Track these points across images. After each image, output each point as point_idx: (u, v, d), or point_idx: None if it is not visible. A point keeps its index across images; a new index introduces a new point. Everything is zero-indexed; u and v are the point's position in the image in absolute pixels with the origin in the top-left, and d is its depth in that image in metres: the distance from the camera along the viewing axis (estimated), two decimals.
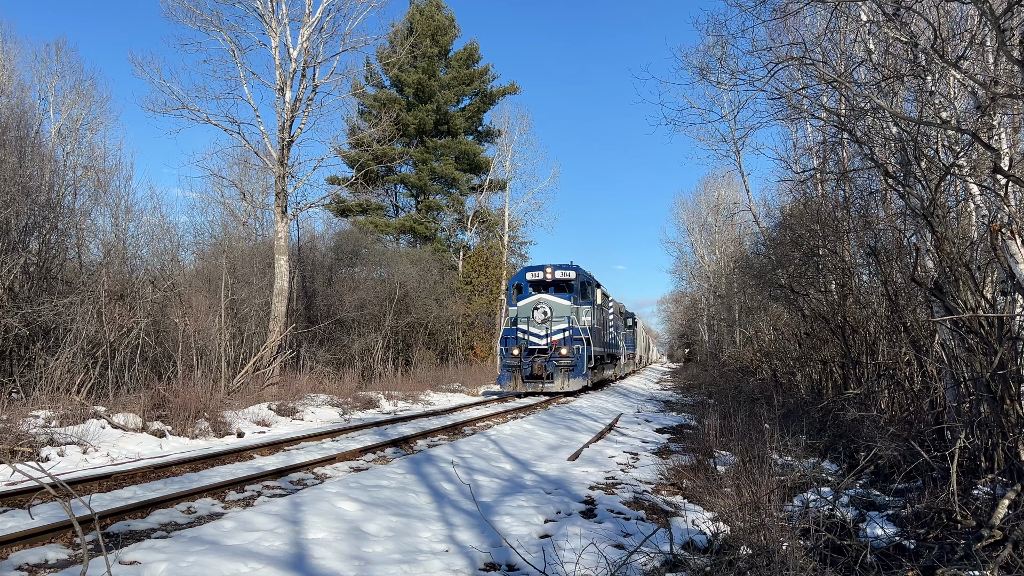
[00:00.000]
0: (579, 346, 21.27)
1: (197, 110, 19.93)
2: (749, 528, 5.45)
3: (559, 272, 23.09)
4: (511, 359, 21.55)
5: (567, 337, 21.41)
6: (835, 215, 14.00)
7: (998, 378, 6.30)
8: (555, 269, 23.14)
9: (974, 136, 6.94)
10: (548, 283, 23.17)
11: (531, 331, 21.71)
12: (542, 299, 22.03)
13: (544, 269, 23.28)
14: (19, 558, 5.07)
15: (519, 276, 24.18)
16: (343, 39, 20.93)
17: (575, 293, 22.91)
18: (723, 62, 10.23)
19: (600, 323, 25.37)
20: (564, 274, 23.06)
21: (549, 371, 21.13)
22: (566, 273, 23.06)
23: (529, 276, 23.51)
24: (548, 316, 21.62)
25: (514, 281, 24.32)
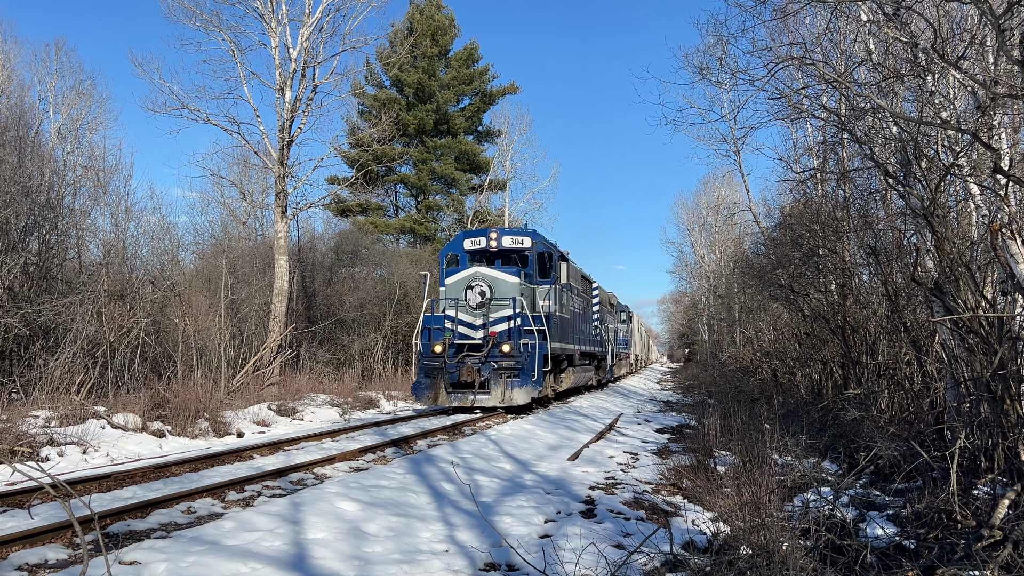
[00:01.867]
0: (529, 341, 15.16)
1: (197, 110, 19.95)
2: (749, 528, 5.45)
3: (508, 239, 17.15)
4: (432, 359, 15.36)
5: (513, 328, 15.33)
6: (835, 215, 14.00)
7: (998, 378, 6.30)
8: (502, 235, 17.17)
9: (974, 136, 6.94)
10: (493, 253, 17.28)
11: (461, 319, 15.66)
12: (478, 273, 15.81)
13: (487, 234, 17.17)
14: (19, 558, 5.07)
15: (454, 243, 17.93)
16: (343, 39, 20.96)
17: (530, 268, 17.04)
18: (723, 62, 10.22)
19: (572, 312, 19.68)
20: (515, 241, 17.17)
21: (484, 376, 15.12)
22: (518, 240, 17.20)
23: (467, 244, 17.38)
24: (486, 297, 15.55)
25: (447, 251, 18.01)
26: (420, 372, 15.59)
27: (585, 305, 22.74)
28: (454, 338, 15.55)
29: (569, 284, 19.31)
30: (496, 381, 15.03)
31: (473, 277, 15.86)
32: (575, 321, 20.42)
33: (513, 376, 15.03)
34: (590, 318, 23.85)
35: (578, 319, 21.05)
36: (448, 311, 15.85)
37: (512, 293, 15.63)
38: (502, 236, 17.25)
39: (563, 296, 18.33)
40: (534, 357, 15.18)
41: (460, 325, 15.69)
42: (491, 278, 15.76)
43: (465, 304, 15.72)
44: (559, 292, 17.70)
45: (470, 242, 17.44)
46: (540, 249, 17.53)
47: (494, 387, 14.99)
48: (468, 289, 15.78)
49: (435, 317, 16.15)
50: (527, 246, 17.21)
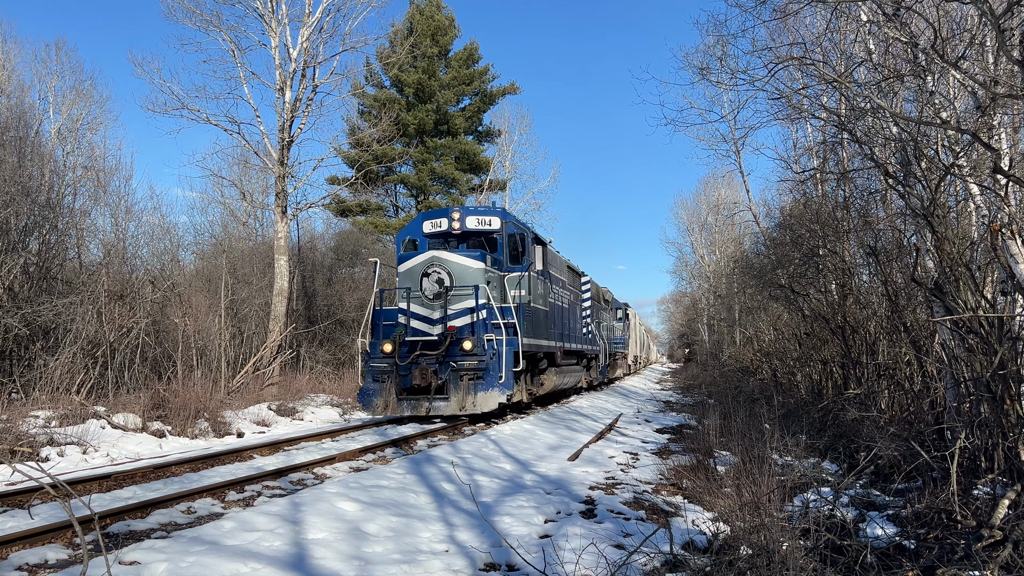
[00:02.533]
0: (496, 336, 13.09)
1: (197, 110, 19.96)
2: (749, 528, 5.45)
3: (473, 219, 15.00)
4: (381, 361, 13.27)
5: (477, 322, 13.29)
6: (835, 215, 14.00)
7: (998, 378, 6.30)
8: (466, 215, 15.04)
9: (974, 136, 6.94)
10: (456, 236, 15.06)
11: (415, 312, 13.54)
12: (435, 258, 13.66)
13: (449, 215, 15.01)
14: (19, 558, 5.07)
15: (412, 226, 15.74)
16: (343, 39, 20.97)
17: (500, 253, 14.96)
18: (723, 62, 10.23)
19: (552, 304, 17.36)
20: (481, 222, 14.97)
21: (442, 379, 13.00)
22: (484, 221, 15.00)
23: (427, 227, 15.27)
24: (445, 286, 13.43)
25: (404, 234, 15.80)
26: (367, 376, 13.34)
27: (572, 299, 20.70)
28: (406, 334, 13.34)
29: (547, 272, 16.82)
30: (456, 384, 12.86)
31: (429, 263, 13.62)
32: (558, 315, 18.20)
33: (477, 378, 12.83)
34: (578, 313, 21.78)
35: (562, 313, 18.84)
36: (401, 303, 13.68)
37: (475, 280, 13.44)
38: (466, 216, 14.91)
39: (540, 285, 15.95)
40: (500, 357, 12.95)
41: (414, 319, 13.54)
42: (451, 263, 13.54)
43: (420, 295, 13.55)
44: (534, 280, 15.36)
45: (430, 224, 15.16)
46: (511, 231, 15.15)
47: (453, 391, 12.84)
48: (424, 277, 13.57)
49: (388, 311, 14.18)
50: (495, 227, 14.96)
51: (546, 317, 16.56)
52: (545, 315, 16.42)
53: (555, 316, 17.78)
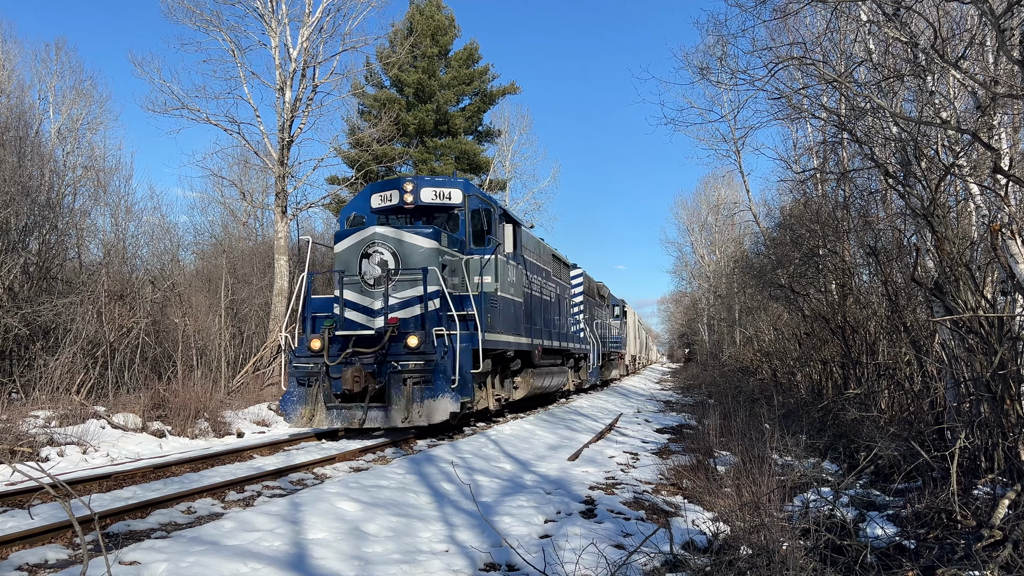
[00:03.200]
0: (451, 331, 10.83)
1: (197, 110, 19.97)
2: (749, 528, 5.45)
3: (429, 191, 12.79)
4: (307, 359, 11.00)
5: (428, 313, 11.11)
6: (835, 215, 14.00)
7: (998, 378, 6.30)
8: (421, 186, 12.84)
9: (974, 136, 6.94)
10: (410, 212, 12.93)
11: (352, 300, 11.35)
12: (377, 235, 11.35)
13: (401, 186, 12.76)
14: (19, 558, 5.07)
15: (358, 200, 13.49)
16: (343, 39, 20.98)
17: (461, 231, 12.83)
18: (723, 62, 10.23)
19: (529, 295, 15.15)
20: (439, 195, 12.80)
21: (380, 383, 10.77)
22: (443, 193, 12.82)
23: (376, 200, 13.03)
24: (389, 269, 11.17)
25: (349, 210, 13.55)
26: (291, 379, 11.07)
27: (559, 292, 18.82)
28: (338, 327, 11.09)
29: (522, 258, 14.66)
30: (398, 390, 10.53)
31: (370, 241, 11.28)
32: (538, 308, 16.09)
33: (423, 382, 10.54)
34: (566, 308, 19.82)
35: (545, 307, 16.86)
36: (337, 290, 11.46)
37: (426, 262, 11.15)
38: (421, 188, 12.72)
39: (511, 272, 13.63)
40: (455, 354, 10.68)
41: (351, 309, 11.28)
42: (396, 241, 11.26)
43: (359, 280, 11.27)
44: (504, 266, 13.09)
45: (379, 197, 12.94)
46: (475, 205, 12.88)
47: (395, 398, 10.51)
48: (363, 258, 11.23)
49: (323, 300, 12.17)
50: (456, 201, 12.74)
51: (520, 309, 14.29)
52: (519, 307, 14.12)
53: (534, 309, 15.66)
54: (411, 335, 10.71)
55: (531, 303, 15.44)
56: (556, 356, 18.23)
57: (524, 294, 14.78)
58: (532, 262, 15.95)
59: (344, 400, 10.81)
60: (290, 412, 10.93)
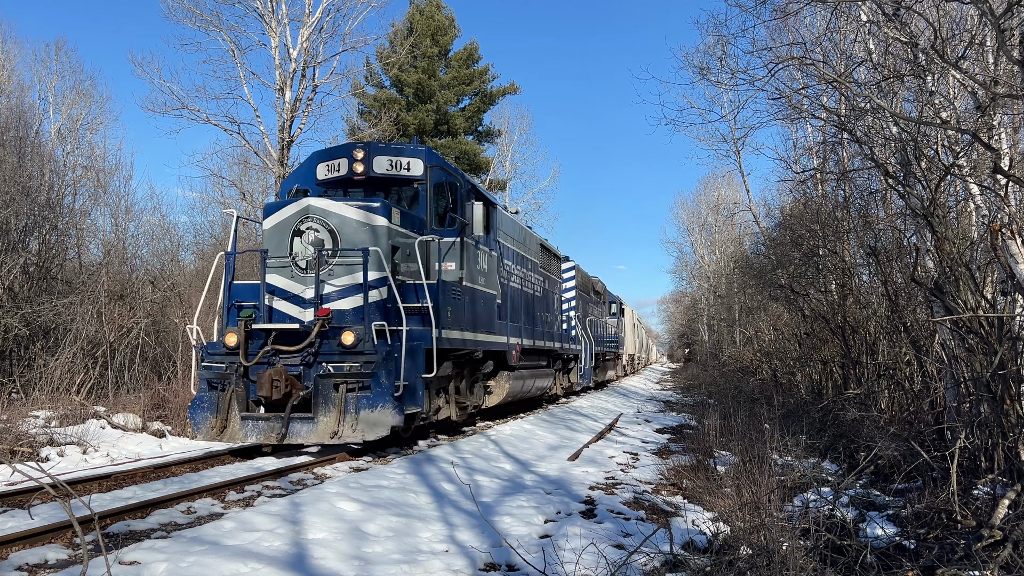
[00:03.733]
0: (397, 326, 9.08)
1: (197, 110, 19.96)
2: (749, 528, 5.45)
3: (384, 160, 10.82)
4: (221, 358, 9.32)
5: (370, 305, 9.31)
6: (835, 215, 14.00)
7: (998, 378, 6.30)
8: (374, 154, 10.84)
9: (974, 136, 6.95)
10: (360, 183, 10.96)
11: (279, 286, 9.58)
12: (311, 209, 9.59)
13: (350, 153, 10.84)
14: (19, 558, 5.07)
15: (301, 171, 11.58)
16: (343, 39, 20.97)
17: (421, 209, 10.95)
18: (723, 62, 10.23)
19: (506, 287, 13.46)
20: (396, 165, 10.83)
21: (306, 389, 8.98)
22: (401, 164, 10.85)
23: (322, 171, 11.13)
24: (325, 250, 9.42)
25: (291, 182, 11.57)
26: (201, 381, 9.31)
27: (546, 285, 17.18)
28: (258, 319, 9.38)
29: (498, 243, 12.84)
30: (327, 398, 8.73)
31: (303, 215, 9.51)
32: (519, 303, 14.38)
33: (360, 388, 8.80)
34: (555, 304, 18.17)
35: (528, 302, 15.18)
36: (270, 276, 9.55)
37: (372, 242, 9.37)
38: (374, 156, 10.71)
39: (483, 259, 11.84)
40: (400, 354, 8.92)
41: (279, 298, 9.51)
42: (335, 217, 9.45)
43: (289, 262, 9.51)
44: (472, 251, 11.25)
45: (325, 167, 10.99)
46: (438, 179, 10.97)
47: (323, 408, 8.71)
48: (295, 236, 9.49)
49: (250, 287, 10.08)
50: (416, 173, 10.78)
51: (493, 303, 12.41)
52: (490, 300, 12.28)
53: (513, 303, 13.93)
54: (346, 330, 8.94)
55: (509, 296, 13.69)
56: (540, 357, 16.54)
57: (500, 286, 13.00)
58: (513, 250, 14.20)
59: (267, 409, 8.98)
60: (198, 422, 9.11)
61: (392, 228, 9.92)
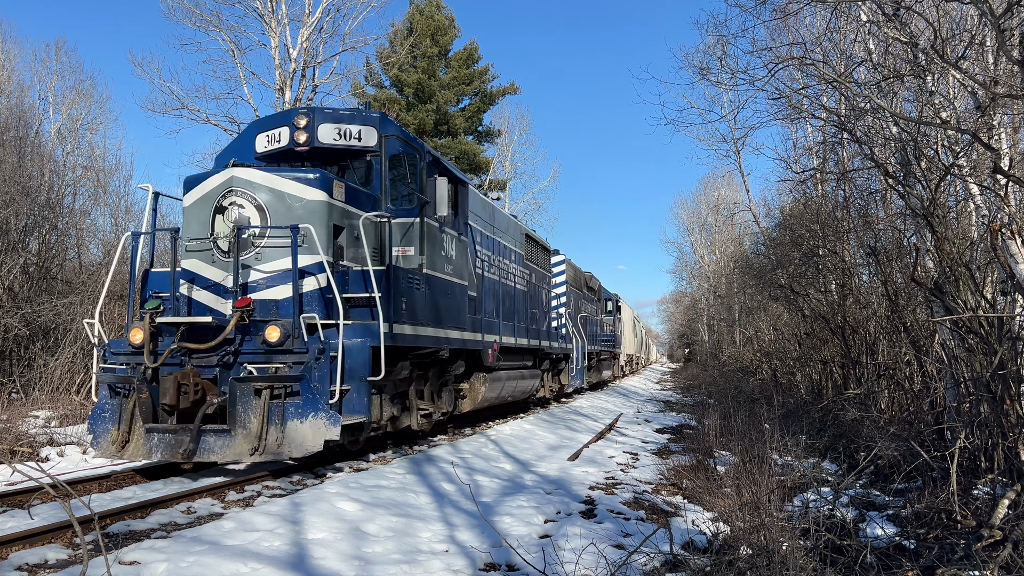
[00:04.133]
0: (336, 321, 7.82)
1: (197, 110, 19.98)
2: (749, 528, 5.45)
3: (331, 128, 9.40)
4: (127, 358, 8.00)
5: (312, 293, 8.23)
6: (835, 215, 14.01)
7: (998, 378, 6.30)
8: (321, 121, 9.39)
9: (974, 136, 6.95)
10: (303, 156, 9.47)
11: (198, 273, 8.35)
12: (235, 180, 8.26)
13: (291, 120, 9.44)
14: (19, 558, 5.07)
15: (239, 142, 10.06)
16: (343, 39, 20.99)
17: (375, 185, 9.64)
18: (723, 62, 10.25)
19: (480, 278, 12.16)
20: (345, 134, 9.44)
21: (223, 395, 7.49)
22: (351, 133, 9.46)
23: (262, 141, 9.68)
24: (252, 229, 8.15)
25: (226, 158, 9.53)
26: (101, 386, 7.99)
27: (533, 278, 16.08)
28: (167, 311, 8.09)
29: (469, 227, 11.54)
30: (246, 406, 7.34)
31: (226, 188, 8.20)
32: (496, 296, 13.12)
33: (288, 394, 7.42)
34: (543, 299, 17.04)
35: (509, 295, 14.00)
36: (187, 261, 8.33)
37: (309, 220, 8.05)
38: (319, 124, 9.30)
39: (450, 244, 10.48)
40: (337, 354, 7.65)
41: (199, 287, 8.25)
42: (265, 190, 8.16)
43: (210, 245, 8.22)
44: (435, 234, 9.89)
45: (265, 138, 9.59)
46: (395, 150, 9.55)
47: (241, 419, 7.31)
48: (217, 214, 8.19)
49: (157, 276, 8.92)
50: (368, 144, 9.46)
51: (464, 295, 11.06)
52: (461, 292, 10.92)
53: (491, 297, 12.78)
54: (271, 325, 7.59)
55: (485, 288, 12.42)
56: (525, 356, 15.24)
57: (473, 276, 11.69)
58: (492, 238, 13.02)
59: (180, 419, 7.53)
60: (98, 434, 7.79)
61: (334, 204, 8.55)
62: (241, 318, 7.67)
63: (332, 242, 8.50)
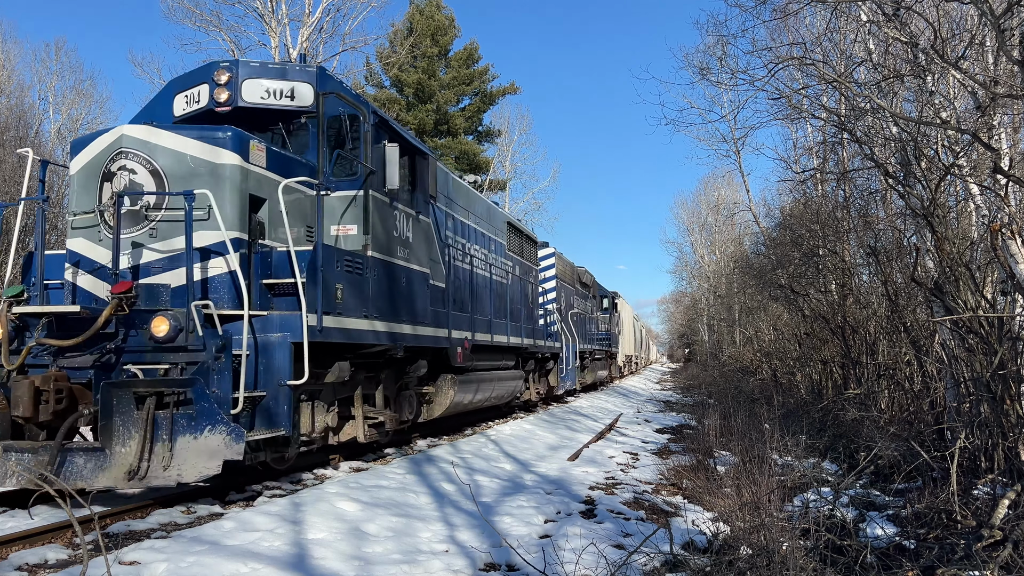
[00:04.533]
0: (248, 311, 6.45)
1: None
2: (749, 528, 5.45)
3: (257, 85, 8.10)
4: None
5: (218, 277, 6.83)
6: (835, 215, 14.01)
7: (998, 378, 6.30)
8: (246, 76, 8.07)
9: (974, 136, 6.95)
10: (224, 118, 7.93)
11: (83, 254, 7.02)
12: (125, 139, 6.85)
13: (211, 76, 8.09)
14: (19, 558, 5.07)
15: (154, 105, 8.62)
16: (343, 39, 21.03)
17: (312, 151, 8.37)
18: (723, 62, 10.26)
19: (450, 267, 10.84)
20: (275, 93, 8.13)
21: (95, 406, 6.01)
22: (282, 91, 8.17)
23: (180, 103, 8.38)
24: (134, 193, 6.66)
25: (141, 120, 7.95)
26: None
27: (517, 271, 15.06)
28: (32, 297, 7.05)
29: (432, 206, 10.12)
30: (125, 418, 5.86)
31: (115, 150, 6.93)
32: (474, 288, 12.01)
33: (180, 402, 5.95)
34: (529, 294, 15.95)
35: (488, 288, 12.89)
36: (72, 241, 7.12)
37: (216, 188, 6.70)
38: (243, 80, 8.00)
39: (402, 222, 9.04)
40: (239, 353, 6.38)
41: (84, 271, 7.02)
42: (162, 152, 6.88)
43: (98, 218, 6.94)
44: (385, 211, 8.58)
45: (184, 99, 8.29)
46: (334, 110, 8.26)
47: (119, 434, 5.84)
48: (105, 182, 6.89)
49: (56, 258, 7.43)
50: (303, 103, 8.17)
51: (426, 285, 9.72)
52: (420, 281, 9.54)
53: (464, 289, 11.60)
54: (158, 316, 6.21)
55: (457, 279, 11.18)
56: (505, 355, 14.03)
57: (441, 264, 10.47)
58: (464, 223, 11.84)
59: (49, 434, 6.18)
60: None
61: (250, 170, 7.10)
62: (120, 307, 6.13)
63: (250, 216, 7.14)
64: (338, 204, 8.17)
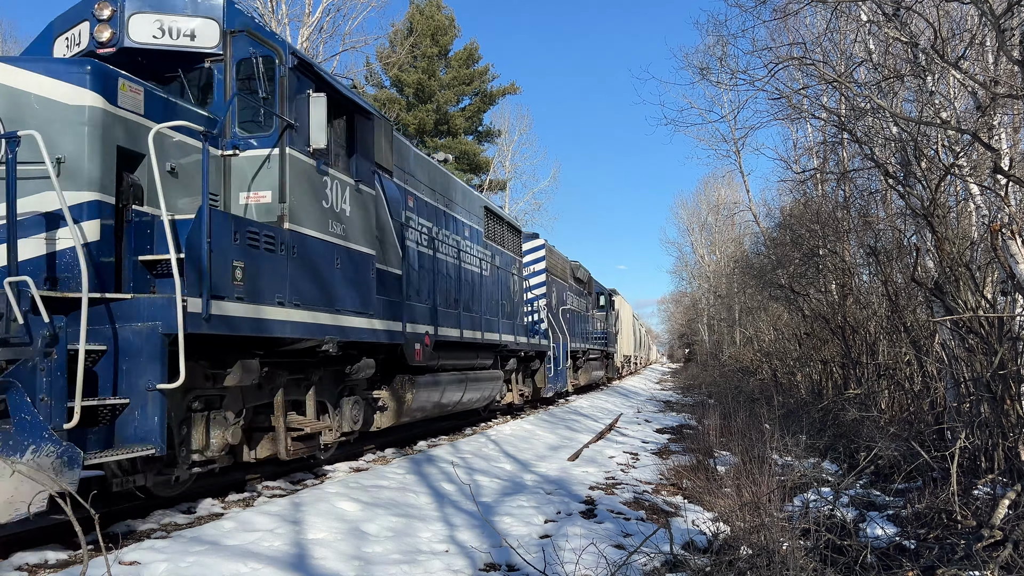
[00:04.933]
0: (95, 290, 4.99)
1: None
2: (749, 528, 5.45)
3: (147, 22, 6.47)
4: None
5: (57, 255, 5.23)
6: (835, 215, 14.01)
7: (998, 378, 6.30)
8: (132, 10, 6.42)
9: (974, 136, 6.95)
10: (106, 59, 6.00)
11: None
12: None
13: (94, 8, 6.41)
14: (19, 558, 5.07)
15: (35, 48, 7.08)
16: (343, 39, 21.04)
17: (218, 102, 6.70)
18: (723, 62, 10.26)
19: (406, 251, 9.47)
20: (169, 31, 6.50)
21: None
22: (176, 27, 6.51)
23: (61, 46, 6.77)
24: None
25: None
26: None
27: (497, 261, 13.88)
28: None
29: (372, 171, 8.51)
30: None
31: None
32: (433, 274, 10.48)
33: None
34: (512, 288, 14.81)
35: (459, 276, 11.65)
36: None
37: (67, 136, 5.32)
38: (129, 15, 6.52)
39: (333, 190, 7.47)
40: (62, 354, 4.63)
41: None
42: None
43: None
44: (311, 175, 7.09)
45: (65, 41, 6.88)
46: (243, 52, 6.78)
47: None
48: None
49: None
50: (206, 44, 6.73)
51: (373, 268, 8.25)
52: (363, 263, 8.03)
53: (425, 276, 10.20)
54: None
55: (416, 265, 9.88)
56: (481, 353, 12.65)
57: (396, 246, 9.11)
58: (428, 203, 10.51)
59: None
60: None
61: (118, 115, 5.63)
62: None
63: (121, 175, 5.69)
64: (247, 165, 6.65)
